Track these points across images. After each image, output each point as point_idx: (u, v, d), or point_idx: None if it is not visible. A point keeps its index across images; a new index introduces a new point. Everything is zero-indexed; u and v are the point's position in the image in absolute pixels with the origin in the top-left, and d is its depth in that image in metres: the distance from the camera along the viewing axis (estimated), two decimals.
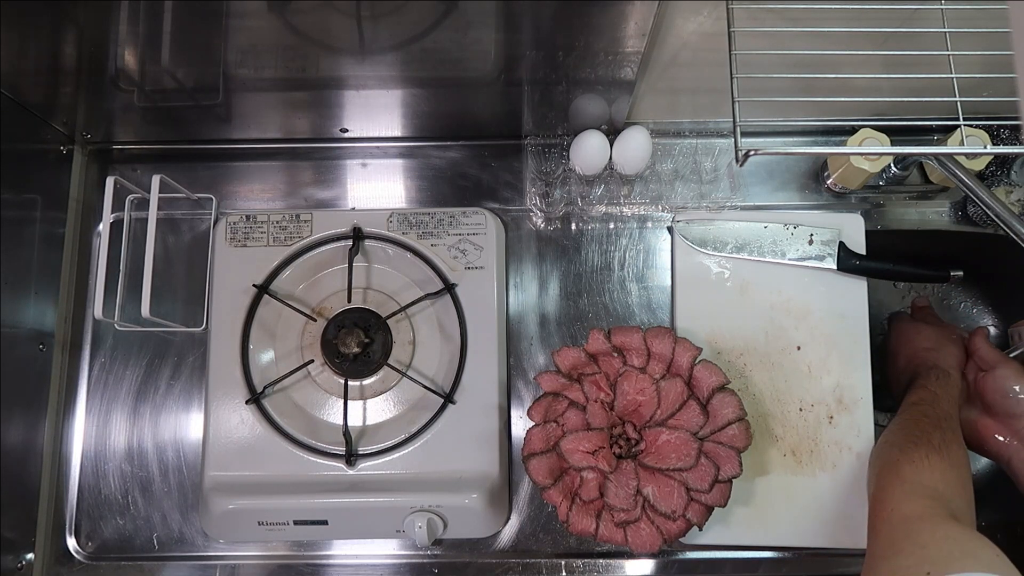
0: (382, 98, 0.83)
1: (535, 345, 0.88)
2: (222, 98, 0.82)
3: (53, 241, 0.87)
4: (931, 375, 0.79)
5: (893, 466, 0.68)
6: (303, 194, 0.92)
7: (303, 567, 0.85)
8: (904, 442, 0.70)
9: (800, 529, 0.81)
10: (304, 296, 0.87)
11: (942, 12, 0.66)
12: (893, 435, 0.74)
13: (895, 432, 0.74)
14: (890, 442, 0.73)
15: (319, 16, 0.68)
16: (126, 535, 0.85)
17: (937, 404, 0.75)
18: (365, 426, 0.84)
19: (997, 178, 0.89)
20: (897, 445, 0.71)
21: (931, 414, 0.73)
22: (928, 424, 0.72)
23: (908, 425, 0.73)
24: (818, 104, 0.73)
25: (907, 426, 0.73)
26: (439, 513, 0.79)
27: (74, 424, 0.87)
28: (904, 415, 0.75)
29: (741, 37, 0.65)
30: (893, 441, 0.73)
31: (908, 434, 0.71)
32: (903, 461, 0.68)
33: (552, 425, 0.76)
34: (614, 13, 0.67)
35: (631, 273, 0.89)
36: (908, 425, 0.73)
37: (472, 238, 0.86)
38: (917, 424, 0.72)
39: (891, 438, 0.74)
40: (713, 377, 0.76)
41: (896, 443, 0.72)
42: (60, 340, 0.87)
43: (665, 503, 0.73)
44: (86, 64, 0.76)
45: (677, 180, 0.90)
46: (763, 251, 0.86)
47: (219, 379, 0.83)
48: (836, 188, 0.90)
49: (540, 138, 0.88)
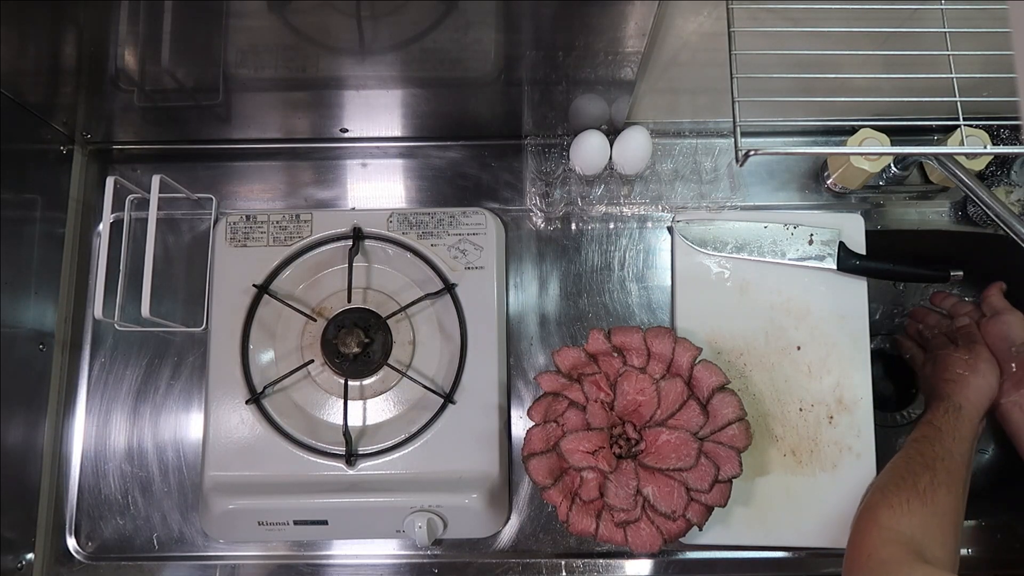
0: (382, 98, 0.83)
1: (535, 345, 0.88)
2: (222, 98, 0.82)
3: (53, 241, 0.87)
4: (940, 408, 0.77)
5: (873, 509, 0.70)
6: (303, 194, 0.92)
7: (303, 567, 0.85)
8: (888, 484, 0.72)
9: (800, 529, 0.81)
10: (304, 296, 0.87)
11: (942, 12, 0.66)
12: (884, 475, 0.76)
13: (888, 471, 0.76)
14: (877, 483, 0.75)
15: (319, 16, 0.68)
16: (126, 535, 0.85)
17: (938, 442, 0.74)
18: (365, 426, 0.84)
19: (997, 178, 0.89)
20: (880, 488, 0.73)
21: (928, 454, 0.73)
22: (919, 466, 0.72)
23: (900, 465, 0.74)
24: (818, 104, 0.73)
25: (899, 466, 0.74)
26: (439, 513, 0.79)
27: (74, 424, 0.87)
28: (903, 452, 0.76)
29: (741, 37, 0.65)
30: (879, 483, 0.75)
31: (896, 475, 0.73)
32: (883, 505, 0.70)
33: (552, 425, 0.76)
34: (614, 13, 0.67)
35: (631, 273, 0.89)
36: (900, 465, 0.74)
37: (472, 238, 0.86)
38: (908, 465, 0.73)
39: (881, 478, 0.76)
40: (713, 377, 0.76)
41: (880, 485, 0.74)
42: (60, 340, 0.87)
43: (665, 503, 0.73)
44: (86, 64, 0.76)
45: (677, 180, 0.90)
46: (763, 251, 0.86)
47: (219, 379, 0.83)
48: (836, 188, 0.90)
49: (540, 138, 0.88)
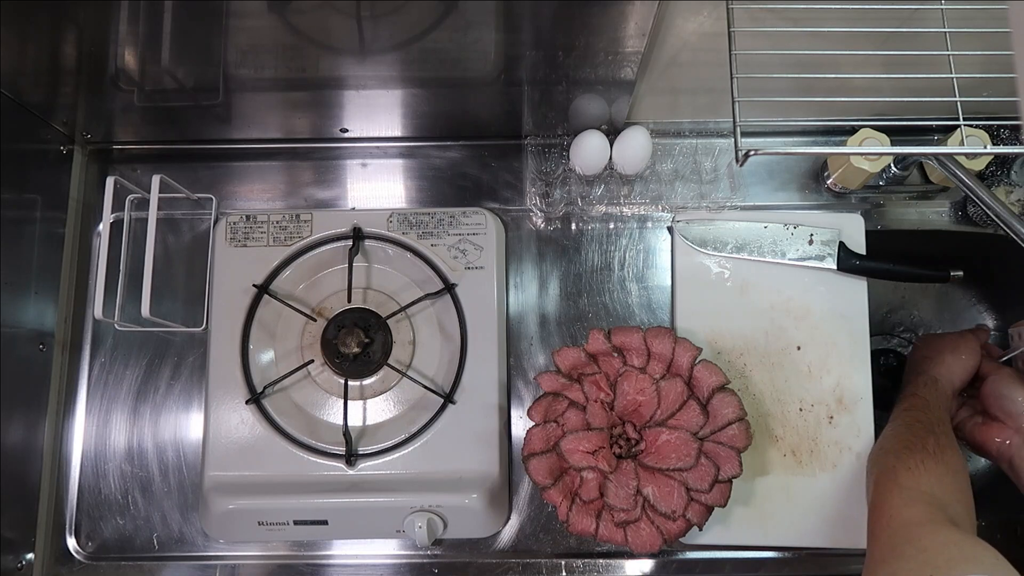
0: (382, 98, 0.83)
1: (535, 345, 0.88)
2: (222, 98, 0.82)
3: (53, 241, 0.87)
4: (919, 381, 0.80)
5: (890, 472, 0.69)
6: (303, 194, 0.92)
7: (303, 567, 0.85)
8: (899, 448, 0.71)
9: (800, 529, 0.81)
10: (304, 296, 0.87)
11: (942, 12, 0.66)
12: (888, 441, 0.75)
13: (890, 439, 0.75)
14: (886, 449, 0.74)
15: (319, 16, 0.68)
16: (126, 535, 0.85)
17: (929, 410, 0.75)
18: (365, 426, 0.84)
19: (997, 178, 0.89)
20: (893, 452, 0.72)
21: (924, 420, 0.74)
22: (922, 429, 0.72)
23: (902, 431, 0.74)
24: (818, 104, 0.73)
25: (901, 432, 0.74)
26: (439, 513, 0.79)
27: (74, 424, 0.87)
28: (897, 421, 0.76)
29: (741, 37, 0.65)
30: (888, 448, 0.73)
31: (903, 440, 0.72)
32: (900, 467, 0.68)
33: (552, 425, 0.76)
34: (614, 13, 0.67)
35: (631, 273, 0.89)
36: (902, 431, 0.74)
37: (472, 238, 0.86)
38: (911, 430, 0.73)
39: (886, 444, 0.75)
40: (713, 377, 0.76)
41: (892, 449, 0.72)
42: (60, 340, 0.87)
43: (665, 503, 0.73)
44: (86, 64, 0.76)
45: (677, 180, 0.90)
46: (763, 251, 0.86)
47: (219, 379, 0.83)
48: (836, 188, 0.89)
49: (540, 138, 0.88)
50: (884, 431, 0.77)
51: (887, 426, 0.77)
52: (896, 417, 0.77)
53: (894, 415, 0.78)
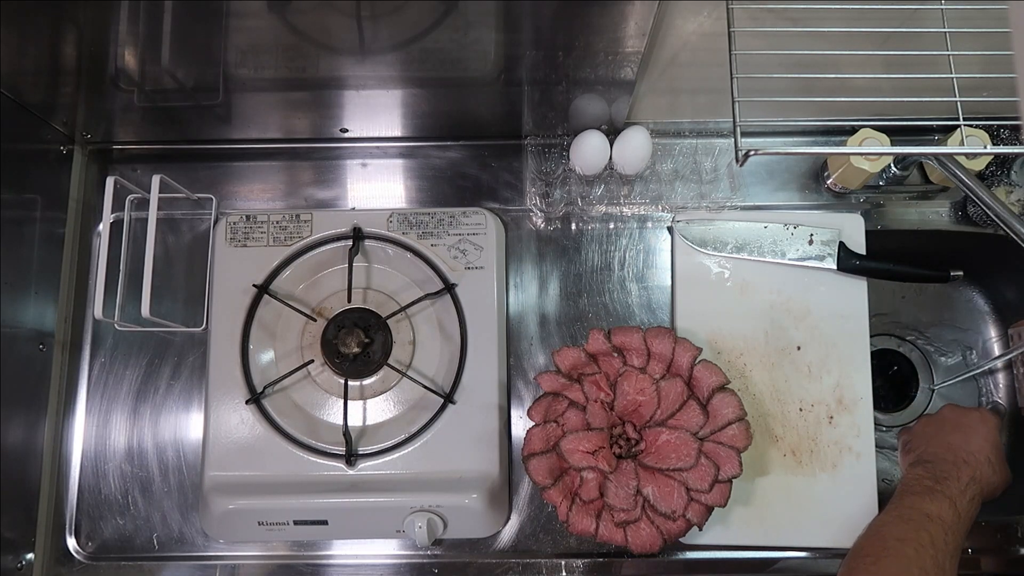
0: (382, 98, 0.83)
1: (535, 345, 0.88)
2: (222, 98, 0.82)
3: (53, 241, 0.87)
4: (958, 479, 0.71)
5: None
6: (303, 194, 0.92)
7: (303, 567, 0.84)
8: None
9: (800, 529, 0.81)
10: (304, 296, 0.87)
11: (942, 12, 0.66)
12: (888, 562, 0.66)
13: (891, 560, 0.66)
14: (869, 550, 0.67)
15: (319, 16, 0.68)
16: (126, 535, 0.85)
17: (952, 531, 0.66)
18: (365, 426, 0.84)
19: (997, 178, 0.89)
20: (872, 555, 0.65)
21: (939, 545, 0.65)
22: (930, 561, 0.64)
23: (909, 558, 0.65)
24: (818, 104, 0.73)
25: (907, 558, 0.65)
26: (439, 513, 0.79)
27: (74, 424, 0.87)
28: (907, 536, 0.67)
29: (741, 37, 0.65)
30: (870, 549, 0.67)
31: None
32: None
33: (552, 425, 0.76)
34: (614, 13, 0.67)
35: (631, 273, 0.89)
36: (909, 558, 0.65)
37: (472, 238, 0.86)
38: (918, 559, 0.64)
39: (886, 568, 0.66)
40: (713, 377, 0.76)
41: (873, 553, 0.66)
42: (60, 340, 0.87)
43: (665, 503, 0.73)
44: (86, 64, 0.76)
45: (677, 180, 0.90)
46: (763, 251, 0.86)
47: (219, 379, 0.83)
48: (836, 188, 0.89)
49: (540, 138, 0.88)
50: (887, 514, 0.71)
51: (891, 509, 0.71)
52: (909, 519, 0.68)
53: (908, 511, 0.69)
